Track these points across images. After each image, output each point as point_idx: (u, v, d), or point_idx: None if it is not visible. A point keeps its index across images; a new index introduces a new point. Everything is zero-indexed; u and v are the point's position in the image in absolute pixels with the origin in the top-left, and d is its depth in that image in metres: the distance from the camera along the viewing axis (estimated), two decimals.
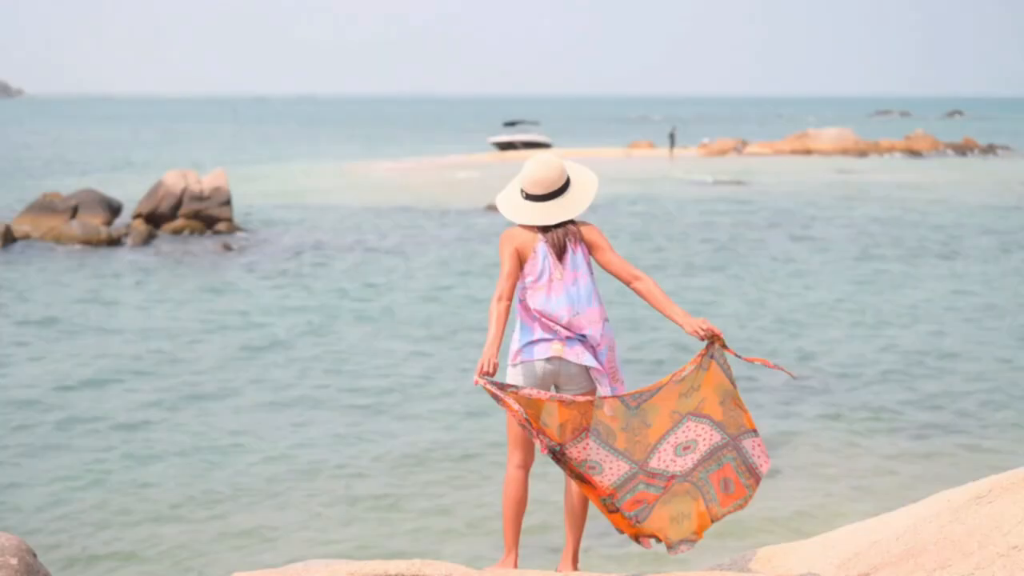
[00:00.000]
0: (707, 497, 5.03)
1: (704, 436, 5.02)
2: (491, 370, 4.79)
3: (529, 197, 5.13)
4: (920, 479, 10.75)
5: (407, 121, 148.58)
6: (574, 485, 5.16)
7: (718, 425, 5.02)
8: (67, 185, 39.32)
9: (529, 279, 5.01)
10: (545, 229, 5.08)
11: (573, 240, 5.07)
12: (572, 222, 5.12)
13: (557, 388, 5.05)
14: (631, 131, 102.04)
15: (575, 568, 5.17)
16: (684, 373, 5.00)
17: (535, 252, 5.03)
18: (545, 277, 5.00)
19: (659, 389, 4.99)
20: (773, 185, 44.37)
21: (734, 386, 5.02)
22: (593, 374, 5.00)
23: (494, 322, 4.85)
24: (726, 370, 5.01)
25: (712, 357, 4.98)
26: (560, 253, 5.05)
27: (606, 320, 5.04)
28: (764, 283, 22.15)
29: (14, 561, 5.70)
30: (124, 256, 25.91)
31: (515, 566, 5.16)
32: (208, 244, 27.60)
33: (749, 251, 26.60)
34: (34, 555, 5.95)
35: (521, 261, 5.04)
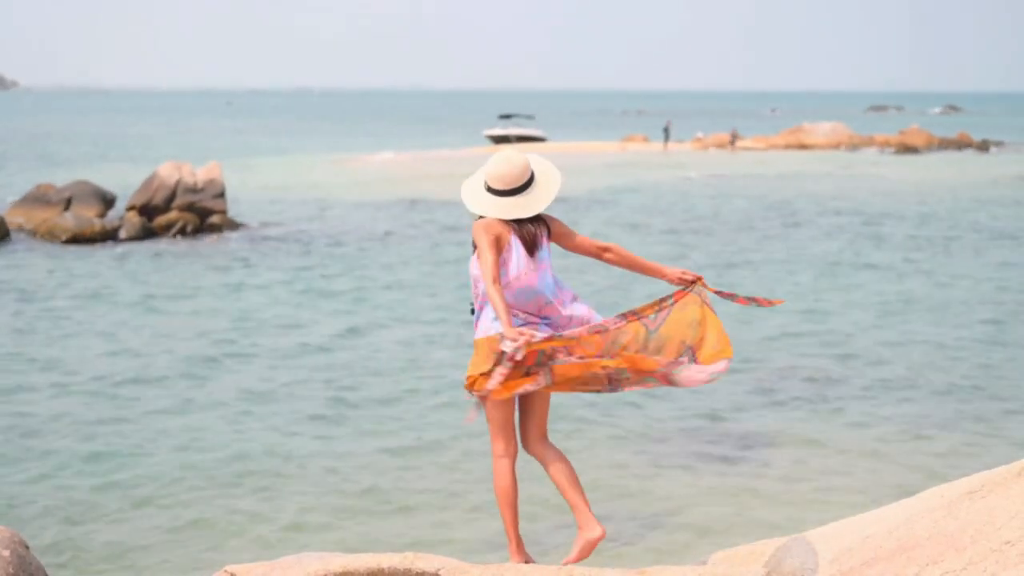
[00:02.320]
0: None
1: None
2: (521, 338, 4.89)
3: (492, 191, 5.24)
4: (913, 474, 10.76)
5: (401, 114, 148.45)
6: (553, 456, 5.29)
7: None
8: (61, 177, 39.25)
9: (503, 271, 5.14)
10: (518, 223, 5.21)
11: (543, 235, 5.27)
12: (540, 217, 5.29)
13: None
14: (625, 125, 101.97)
15: (600, 527, 5.29)
16: (687, 302, 5.31)
17: (510, 245, 5.17)
18: (517, 270, 5.15)
19: (669, 312, 5.29)
20: (768, 178, 44.41)
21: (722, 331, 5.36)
22: None
23: (501, 300, 4.96)
24: (712, 306, 5.37)
25: (698, 294, 5.34)
26: (532, 248, 5.21)
27: (575, 298, 5.30)
28: (758, 275, 22.16)
29: (6, 553, 5.70)
30: (117, 248, 25.87)
31: (523, 554, 5.29)
32: (202, 237, 27.58)
33: (743, 244, 26.61)
34: (26, 547, 5.95)
35: (499, 251, 5.15)
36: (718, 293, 5.41)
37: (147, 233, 27.87)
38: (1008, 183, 43.77)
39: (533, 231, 5.21)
